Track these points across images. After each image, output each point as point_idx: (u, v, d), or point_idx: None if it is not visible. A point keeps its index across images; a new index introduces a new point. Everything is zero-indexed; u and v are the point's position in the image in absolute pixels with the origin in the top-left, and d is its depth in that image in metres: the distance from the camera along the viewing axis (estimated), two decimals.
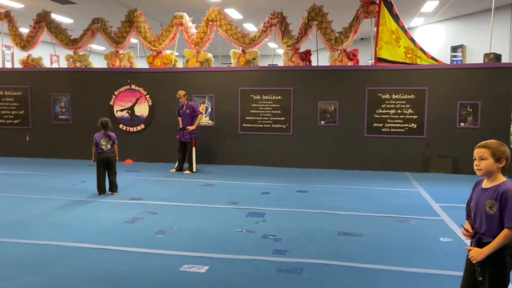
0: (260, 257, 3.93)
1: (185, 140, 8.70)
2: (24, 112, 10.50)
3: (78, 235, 4.53)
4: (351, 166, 9.10)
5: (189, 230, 4.76)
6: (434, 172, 8.75)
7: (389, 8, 8.98)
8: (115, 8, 12.55)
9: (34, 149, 10.48)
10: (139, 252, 4.03)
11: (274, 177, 8.15)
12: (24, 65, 10.99)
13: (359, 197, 6.58)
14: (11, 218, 5.17)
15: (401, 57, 9.02)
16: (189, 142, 8.73)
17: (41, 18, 10.69)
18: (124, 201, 6.15)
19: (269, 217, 5.31)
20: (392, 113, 8.87)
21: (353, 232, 4.72)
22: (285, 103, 9.36)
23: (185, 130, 8.65)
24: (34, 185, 7.23)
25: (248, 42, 9.80)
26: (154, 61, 10.34)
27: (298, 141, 9.35)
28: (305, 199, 6.40)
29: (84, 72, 10.40)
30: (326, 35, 9.26)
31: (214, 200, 6.27)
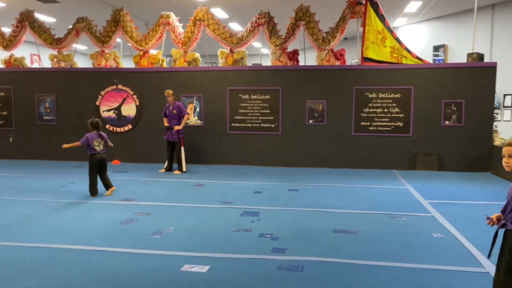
0: (260, 255, 3.97)
1: (173, 140, 8.67)
2: (7, 113, 10.28)
3: (74, 237, 4.49)
4: (339, 165, 9.22)
5: (185, 230, 4.76)
6: (420, 170, 8.93)
7: (375, 9, 9.12)
8: (99, 7, 12.38)
9: (18, 150, 10.28)
10: (139, 253, 4.02)
11: (264, 176, 8.19)
12: (6, 65, 10.76)
13: (350, 195, 6.68)
14: (3, 221, 5.07)
15: (387, 57, 9.18)
16: (177, 142, 8.71)
17: (24, 17, 10.49)
18: (116, 202, 6.10)
19: (263, 216, 5.35)
20: (379, 112, 9.02)
21: (348, 229, 4.80)
22: (274, 102, 9.42)
23: (172, 130, 8.62)
24: (21, 187, 7.10)
25: (236, 41, 9.82)
26: (141, 61, 10.26)
27: (287, 140, 9.42)
28: (297, 197, 6.47)
29: (69, 72, 10.24)
30: (314, 35, 9.35)
31: (207, 200, 6.27)
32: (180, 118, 8.68)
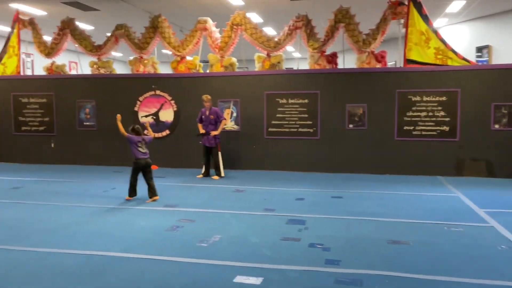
0: (314, 267, 3.79)
1: (210, 145, 8.61)
2: (49, 119, 10.51)
3: (121, 244, 4.44)
4: (381, 170, 8.91)
5: (232, 239, 4.63)
6: (467, 176, 8.52)
7: (419, 9, 8.81)
8: (136, 14, 12.55)
9: (59, 155, 10.48)
10: (189, 262, 3.92)
11: (304, 183, 8.00)
12: (48, 72, 11.02)
13: (396, 202, 6.40)
14: (50, 226, 5.10)
15: (431, 59, 8.84)
16: (214, 147, 8.64)
17: (65, 25, 10.72)
18: (159, 208, 6.05)
19: (310, 225, 5.17)
20: (423, 116, 8.68)
21: (402, 240, 4.55)
22: (312, 106, 9.22)
23: (209, 135, 8.55)
24: (64, 192, 7.18)
25: (273, 45, 9.70)
26: (178, 66, 10.28)
27: (326, 145, 9.20)
28: (341, 205, 6.24)
29: (108, 78, 10.38)
30: (354, 37, 9.11)
31: (249, 206, 6.14)
32: (217, 124, 8.61)
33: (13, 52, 11.06)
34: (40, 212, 5.84)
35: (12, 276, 3.62)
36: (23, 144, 10.67)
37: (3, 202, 6.42)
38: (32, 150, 10.62)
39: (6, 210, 5.94)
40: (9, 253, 4.18)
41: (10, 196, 6.86)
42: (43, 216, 5.59)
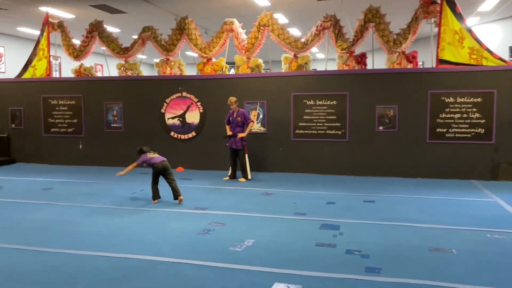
0: (354, 275, 3.64)
1: (236, 147, 8.53)
2: (78, 120, 10.62)
3: (155, 248, 4.38)
4: (412, 174, 8.66)
5: (266, 244, 4.52)
6: (504, 180, 8.19)
7: (452, 7, 8.53)
8: (162, 16, 12.61)
9: (87, 157, 10.58)
10: (225, 268, 3.83)
11: (333, 186, 7.84)
12: (76, 75, 11.15)
13: (433, 207, 6.18)
14: (81, 228, 5.09)
15: (465, 59, 8.55)
16: (241, 149, 8.56)
17: (93, 28, 10.82)
18: (188, 210, 6.00)
19: (344, 230, 5.02)
20: (457, 118, 8.39)
21: (444, 247, 4.36)
22: (341, 108, 9.03)
23: (236, 137, 8.48)
24: (93, 193, 7.21)
25: (301, 46, 9.56)
26: (204, 68, 10.25)
27: (355, 147, 9.00)
28: (375, 209, 6.06)
29: (135, 80, 10.43)
30: (384, 37, 8.89)
31: (279, 210, 6.02)
32: (244, 126, 8.54)
33: (42, 54, 11.23)
34: (72, 213, 5.86)
35: (49, 280, 3.60)
36: (52, 146, 10.81)
37: (35, 203, 6.48)
38: (60, 151, 10.76)
39: (39, 211, 5.99)
40: (43, 255, 4.18)
41: (42, 197, 6.92)
42: (75, 218, 5.60)
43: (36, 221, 5.43)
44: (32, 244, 4.48)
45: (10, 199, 6.72)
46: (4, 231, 5.02)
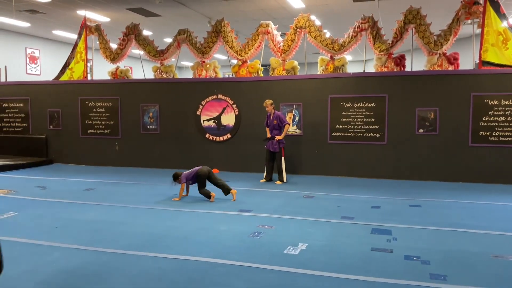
0: (420, 282, 3.56)
1: (273, 150, 8.51)
2: (114, 122, 10.79)
3: (210, 249, 4.38)
4: (453, 178, 8.48)
5: (320, 247, 4.48)
6: None
7: (496, 8, 8.33)
8: (195, 19, 12.72)
9: (123, 158, 10.73)
10: (285, 272, 3.80)
11: (373, 189, 7.73)
12: (113, 77, 11.34)
13: (482, 212, 6.02)
14: (134, 229, 5.14)
15: (509, 60, 8.34)
16: (278, 152, 8.53)
17: (130, 31, 11.00)
18: (234, 213, 6.00)
19: (397, 235, 4.92)
20: (501, 121, 8.19)
21: (507, 254, 4.23)
22: (379, 110, 8.92)
23: (273, 140, 8.45)
24: (135, 193, 7.28)
25: (338, 48, 9.49)
26: (240, 71, 10.28)
27: (393, 150, 8.87)
28: (423, 214, 5.94)
29: (171, 82, 10.53)
30: (425, 38, 8.75)
31: (325, 214, 5.96)
32: (281, 128, 8.50)
33: (80, 57, 11.47)
34: (120, 214, 5.94)
35: (109, 280, 3.64)
36: (89, 147, 11.01)
37: (82, 203, 6.59)
38: (97, 152, 10.95)
39: (87, 212, 6.08)
40: (102, 256, 4.23)
41: (86, 197, 7.04)
42: (124, 219, 5.67)
43: (87, 222, 5.51)
44: (88, 244, 4.54)
45: (56, 199, 6.85)
46: (58, 231, 5.11)
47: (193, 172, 6.81)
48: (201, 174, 6.75)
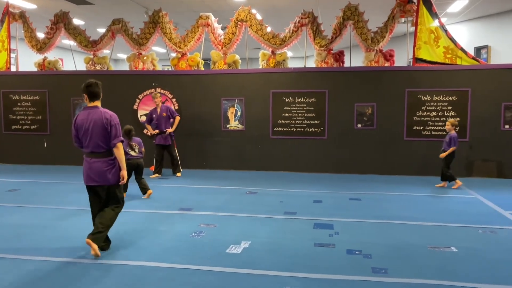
0: (362, 277, 3.54)
1: (165, 143, 8.49)
2: (42, 117, 9.99)
3: (148, 252, 4.10)
4: (390, 171, 8.76)
5: (263, 245, 4.35)
6: (477, 177, 8.44)
7: (428, 7, 8.67)
8: (131, 9, 12.10)
9: (52, 156, 9.98)
10: (229, 273, 3.62)
11: (315, 184, 7.77)
12: (40, 68, 10.50)
13: (418, 204, 6.22)
14: (63, 233, 4.71)
15: (440, 58, 8.72)
16: (170, 144, 8.55)
17: (58, 19, 10.22)
18: (173, 212, 5.72)
19: (339, 229, 4.93)
20: (433, 116, 8.56)
21: (442, 245, 4.35)
22: (320, 106, 9.00)
23: (164, 133, 8.45)
24: (64, 194, 6.76)
25: (279, 43, 9.44)
26: (179, 64, 9.92)
27: (334, 145, 8.99)
28: (363, 207, 6.03)
29: (105, 75, 9.93)
30: (363, 34, 8.93)
31: (268, 210, 5.86)
32: (170, 120, 8.52)
33: (2, 47, 10.48)
34: (46, 217, 5.43)
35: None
36: (14, 144, 10.12)
37: (3, 205, 5.98)
38: (23, 150, 10.09)
39: (10, 214, 5.52)
40: (27, 264, 3.80)
41: (9, 199, 6.41)
42: (51, 222, 5.19)
43: (9, 226, 4.98)
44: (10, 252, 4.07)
45: None
46: None
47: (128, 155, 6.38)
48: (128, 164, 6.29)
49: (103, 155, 4.02)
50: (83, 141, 4.05)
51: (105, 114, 4.03)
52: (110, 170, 4.04)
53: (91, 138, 3.98)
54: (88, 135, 3.99)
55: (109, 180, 4.04)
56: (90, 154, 4.03)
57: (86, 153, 4.09)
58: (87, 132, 3.98)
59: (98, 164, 4.01)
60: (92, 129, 3.97)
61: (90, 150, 4.02)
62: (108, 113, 4.06)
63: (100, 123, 3.97)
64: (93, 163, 4.02)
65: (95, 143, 3.98)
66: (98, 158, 4.01)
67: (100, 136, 3.98)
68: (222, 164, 9.38)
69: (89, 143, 4.00)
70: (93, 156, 4.02)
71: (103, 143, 4.00)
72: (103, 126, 3.97)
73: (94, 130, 3.97)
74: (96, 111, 4.05)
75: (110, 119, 4.01)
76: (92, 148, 4.00)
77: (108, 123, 3.99)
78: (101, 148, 4.00)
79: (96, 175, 4.01)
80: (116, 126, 4.04)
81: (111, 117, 4.04)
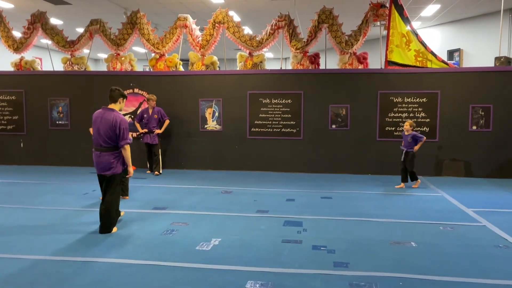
0: (324, 271, 3.72)
1: (152, 142, 8.89)
2: (19, 117, 9.94)
3: (119, 250, 4.20)
4: (363, 171, 9.00)
5: (232, 242, 4.50)
6: (446, 176, 8.74)
7: (400, 11, 8.95)
8: (110, 9, 12.12)
9: (29, 156, 9.94)
10: (196, 268, 3.75)
11: (290, 183, 7.95)
12: (17, 68, 10.44)
13: (386, 202, 6.45)
14: (37, 233, 4.77)
15: (411, 61, 9.01)
16: (157, 144, 8.93)
17: (36, 19, 10.18)
18: (147, 211, 5.82)
19: (308, 226, 5.11)
20: (404, 117, 8.83)
21: (403, 240, 4.57)
22: (296, 107, 9.19)
23: (152, 133, 8.83)
24: (39, 194, 6.78)
25: (256, 44, 9.59)
26: (157, 64, 9.99)
27: (309, 145, 9.19)
28: (333, 205, 6.23)
29: (83, 75, 9.94)
30: (337, 37, 9.15)
31: (241, 208, 6.01)
32: (160, 122, 8.96)
33: None
34: (20, 217, 5.47)
35: None
36: None
37: None
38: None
39: None
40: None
41: None
42: (25, 222, 5.24)
43: None
44: None
45: None
46: None
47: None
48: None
49: (107, 150, 4.65)
50: (94, 134, 4.72)
51: (116, 118, 4.66)
52: (112, 163, 4.68)
53: (100, 134, 4.63)
54: (97, 131, 4.64)
55: (109, 171, 4.70)
56: (99, 148, 4.69)
57: (94, 146, 4.75)
58: (98, 130, 4.63)
59: (102, 157, 4.67)
60: (103, 128, 4.61)
61: (98, 144, 4.68)
62: (119, 118, 4.69)
63: (109, 124, 4.60)
64: (99, 156, 4.70)
65: (102, 139, 4.64)
66: (102, 152, 4.66)
67: (108, 135, 4.61)
68: (199, 164, 9.50)
69: (98, 138, 4.66)
70: (101, 150, 4.68)
71: (109, 139, 4.63)
72: (111, 127, 4.60)
73: (103, 128, 4.61)
74: (110, 113, 4.69)
75: (119, 123, 4.64)
76: (102, 143, 4.66)
77: (117, 126, 4.62)
78: (106, 144, 4.65)
79: (99, 166, 4.71)
80: (123, 130, 4.68)
81: (121, 122, 4.66)
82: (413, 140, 7.49)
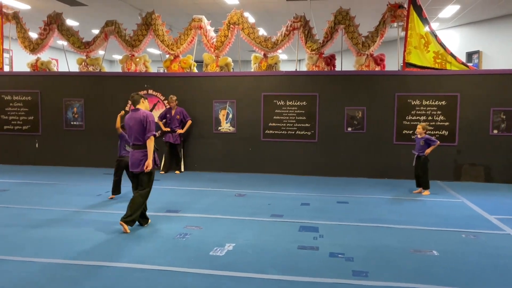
0: (342, 280, 3.58)
1: (175, 142, 9.09)
2: (34, 117, 10.00)
3: (131, 254, 4.12)
4: (380, 175, 8.81)
5: (247, 247, 4.38)
6: (465, 181, 8.50)
7: (419, 12, 8.74)
8: (125, 10, 12.13)
9: (44, 156, 9.98)
10: (211, 275, 3.65)
11: (304, 187, 7.81)
12: (33, 69, 10.50)
13: (405, 208, 6.28)
14: (49, 234, 4.73)
15: (430, 62, 8.79)
16: (179, 143, 9.13)
17: (52, 20, 10.23)
18: (161, 214, 5.74)
19: (324, 232, 4.97)
20: (422, 120, 8.61)
21: (424, 249, 4.40)
22: (310, 109, 9.05)
23: (174, 133, 9.02)
24: (55, 195, 6.76)
25: (271, 46, 9.49)
26: (172, 66, 9.95)
27: (324, 148, 9.04)
28: (350, 211, 6.07)
29: (98, 76, 9.95)
30: (354, 39, 8.99)
31: (254, 212, 5.90)
32: (182, 123, 9.15)
33: None
34: (34, 217, 5.44)
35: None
36: (5, 144, 10.12)
37: None
38: (14, 150, 10.08)
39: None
40: (4, 264, 3.82)
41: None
42: (39, 222, 5.20)
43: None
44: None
45: None
46: None
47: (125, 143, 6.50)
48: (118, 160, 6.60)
49: (138, 147, 4.95)
50: (128, 135, 5.13)
51: (143, 113, 4.95)
52: (141, 161, 4.92)
53: (132, 133, 4.95)
54: (130, 130, 4.98)
55: (138, 167, 4.93)
56: (132, 146, 5.02)
57: (130, 145, 5.16)
58: (130, 128, 4.96)
59: (133, 154, 4.97)
60: (134, 126, 4.92)
61: (132, 142, 5.01)
62: (145, 113, 4.98)
63: (139, 120, 4.90)
64: (132, 154, 5.00)
65: (135, 137, 4.95)
66: (136, 150, 4.95)
67: (139, 131, 4.91)
68: (213, 166, 9.42)
69: (130, 136, 5.02)
70: (133, 148, 4.99)
71: (140, 136, 4.93)
72: (141, 123, 4.89)
73: (135, 127, 4.92)
74: (137, 112, 4.99)
75: (146, 117, 4.92)
76: (133, 141, 4.98)
77: (145, 120, 4.89)
78: (137, 141, 4.95)
79: (131, 162, 4.98)
80: (150, 123, 4.93)
81: (147, 116, 4.94)
82: (425, 143, 7.26)
